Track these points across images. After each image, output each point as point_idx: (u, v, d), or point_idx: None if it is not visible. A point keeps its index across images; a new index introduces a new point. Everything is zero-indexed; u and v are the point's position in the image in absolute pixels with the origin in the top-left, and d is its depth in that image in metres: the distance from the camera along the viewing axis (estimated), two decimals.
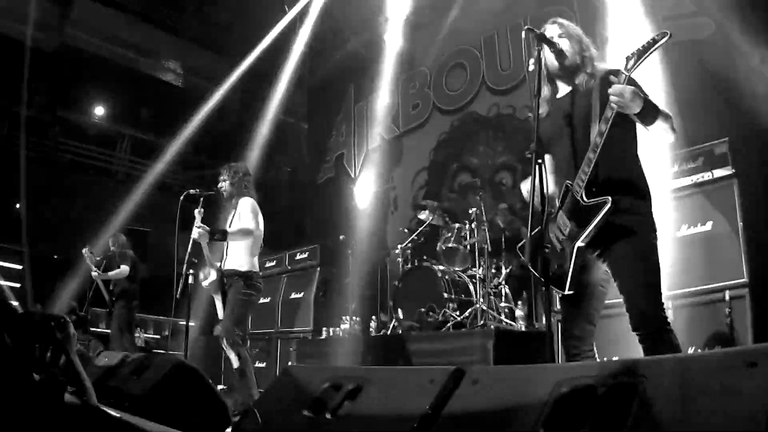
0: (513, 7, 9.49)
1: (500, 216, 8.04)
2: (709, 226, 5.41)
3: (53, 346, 4.25)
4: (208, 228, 6.14)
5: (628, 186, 3.47)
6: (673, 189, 5.68)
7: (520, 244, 3.95)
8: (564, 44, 3.71)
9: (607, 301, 3.66)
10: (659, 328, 3.30)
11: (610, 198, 3.30)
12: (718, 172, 5.47)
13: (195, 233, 6.07)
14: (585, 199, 3.40)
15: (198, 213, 6.24)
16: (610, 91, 3.27)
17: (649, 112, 3.33)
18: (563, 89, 3.82)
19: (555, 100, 3.82)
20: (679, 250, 5.44)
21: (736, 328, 4.95)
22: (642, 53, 3.26)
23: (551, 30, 3.77)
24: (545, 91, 3.79)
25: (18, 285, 11.81)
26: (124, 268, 9.29)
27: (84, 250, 9.36)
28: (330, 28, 12.01)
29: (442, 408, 2.37)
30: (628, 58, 3.30)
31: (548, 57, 3.72)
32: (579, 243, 3.43)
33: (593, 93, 3.58)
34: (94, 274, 9.22)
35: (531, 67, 3.62)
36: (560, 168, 3.75)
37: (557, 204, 3.65)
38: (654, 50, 3.24)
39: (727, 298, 5.07)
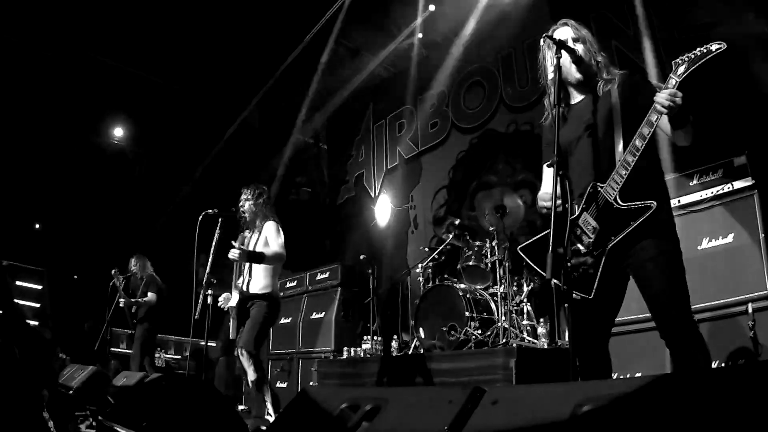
0: (529, 24, 9.47)
1: (520, 233, 8.01)
2: (730, 238, 5.34)
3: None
4: (246, 249, 6.18)
5: (656, 190, 3.46)
6: (693, 202, 5.63)
7: (521, 246, 3.89)
8: (579, 49, 3.72)
9: (628, 317, 3.62)
10: (689, 331, 3.26)
11: (654, 202, 3.28)
12: (738, 184, 5.40)
13: (234, 254, 6.09)
14: (620, 201, 3.38)
15: (241, 236, 6.33)
16: (660, 94, 3.20)
17: (684, 117, 3.31)
18: (578, 95, 3.83)
19: (571, 106, 3.83)
20: (701, 263, 5.38)
21: (760, 342, 4.87)
22: (695, 61, 3.18)
23: (564, 32, 3.79)
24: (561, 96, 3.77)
25: (38, 305, 11.90)
26: (152, 296, 9.35)
27: (113, 272, 9.43)
28: (348, 47, 12.04)
29: (461, 428, 2.33)
30: (677, 64, 3.23)
31: (564, 63, 3.71)
32: (612, 245, 3.41)
33: (612, 96, 3.59)
34: (121, 300, 9.27)
35: (550, 75, 3.61)
36: (575, 173, 3.71)
37: (576, 209, 3.62)
38: (707, 59, 3.16)
39: (750, 310, 4.99)
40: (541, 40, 3.57)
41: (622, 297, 3.60)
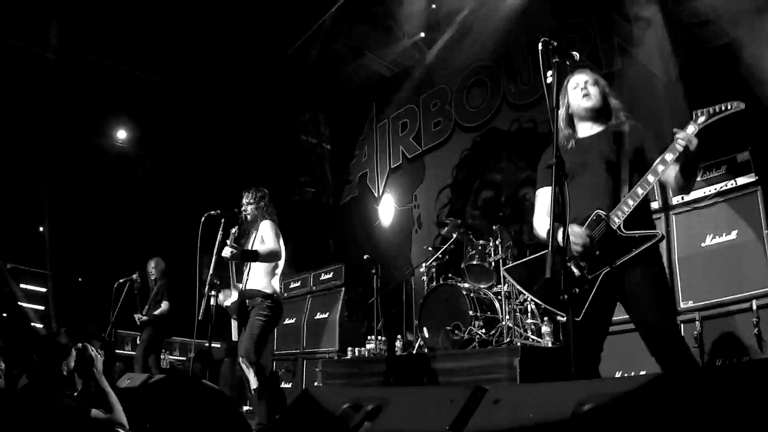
0: (531, 22, 9.47)
1: (524, 232, 8.01)
2: (734, 235, 5.34)
3: (79, 369, 4.32)
4: (239, 248, 6.15)
5: (649, 222, 3.72)
6: (696, 199, 5.62)
7: (506, 267, 4.11)
8: (595, 91, 3.93)
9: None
10: (679, 348, 3.38)
11: (660, 232, 3.50)
12: (742, 180, 5.41)
13: (227, 252, 6.07)
14: (623, 230, 3.52)
15: (233, 233, 6.28)
16: (679, 135, 3.41)
17: (694, 169, 3.56)
18: (587, 130, 3.98)
19: (579, 139, 3.96)
20: (705, 260, 5.39)
21: (764, 338, 4.86)
22: (714, 115, 3.43)
23: (579, 78, 4.00)
24: (567, 133, 3.97)
25: (42, 307, 11.92)
26: (166, 306, 9.32)
27: (134, 277, 9.45)
28: (350, 47, 12.04)
29: (462, 427, 2.33)
30: (697, 114, 3.45)
31: (573, 101, 3.96)
32: (608, 270, 3.52)
33: (624, 140, 3.76)
34: (138, 316, 9.27)
35: (549, 79, 3.63)
36: (575, 197, 3.73)
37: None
38: (724, 115, 3.42)
39: (754, 307, 4.98)
40: (539, 44, 3.61)
41: (610, 321, 3.72)
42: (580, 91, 3.93)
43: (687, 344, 3.42)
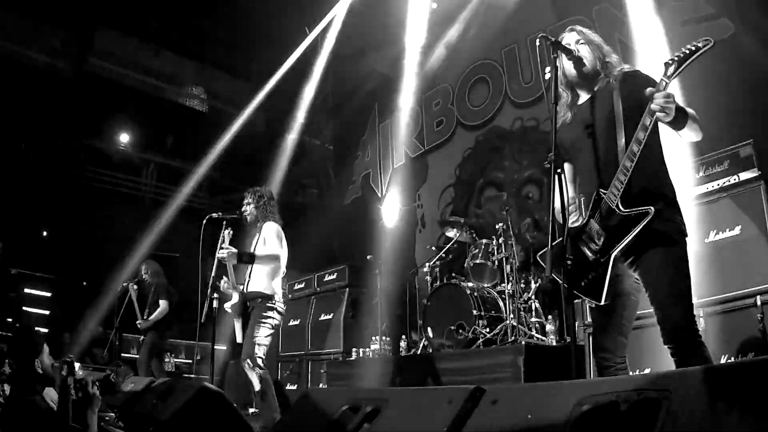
0: (532, 19, 9.45)
1: (527, 230, 7.99)
2: (737, 230, 5.28)
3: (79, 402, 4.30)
4: (235, 250, 6.12)
5: (661, 193, 3.40)
6: (699, 195, 5.58)
7: (540, 253, 3.84)
8: (583, 50, 3.65)
9: (639, 312, 3.56)
10: (691, 340, 3.21)
11: (652, 208, 3.22)
12: (744, 175, 5.35)
13: (222, 254, 6.05)
14: (621, 208, 3.32)
15: (227, 234, 6.23)
16: (652, 97, 3.17)
17: (681, 117, 3.24)
18: (584, 95, 3.75)
19: (579, 106, 3.74)
20: (708, 256, 5.33)
21: None
22: (683, 60, 3.17)
23: (569, 37, 3.72)
24: (565, 97, 3.74)
25: (47, 312, 11.94)
26: (164, 305, 9.26)
27: (130, 284, 9.40)
28: (351, 48, 12.03)
29: (460, 429, 2.31)
30: (667, 65, 3.21)
31: (566, 65, 3.66)
32: (616, 252, 3.34)
33: (614, 98, 3.51)
34: (139, 323, 9.21)
35: (547, 75, 3.55)
36: (583, 176, 3.67)
37: (584, 213, 3.57)
38: (696, 57, 3.15)
39: (758, 303, 4.93)
40: (537, 40, 3.51)
41: (636, 301, 3.53)
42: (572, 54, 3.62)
43: (699, 336, 3.27)
